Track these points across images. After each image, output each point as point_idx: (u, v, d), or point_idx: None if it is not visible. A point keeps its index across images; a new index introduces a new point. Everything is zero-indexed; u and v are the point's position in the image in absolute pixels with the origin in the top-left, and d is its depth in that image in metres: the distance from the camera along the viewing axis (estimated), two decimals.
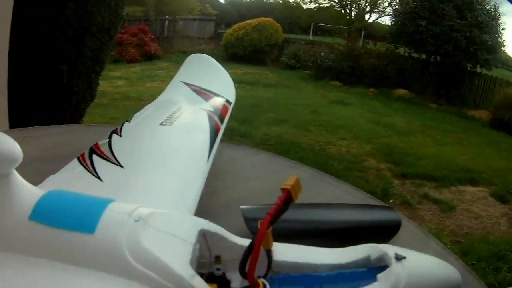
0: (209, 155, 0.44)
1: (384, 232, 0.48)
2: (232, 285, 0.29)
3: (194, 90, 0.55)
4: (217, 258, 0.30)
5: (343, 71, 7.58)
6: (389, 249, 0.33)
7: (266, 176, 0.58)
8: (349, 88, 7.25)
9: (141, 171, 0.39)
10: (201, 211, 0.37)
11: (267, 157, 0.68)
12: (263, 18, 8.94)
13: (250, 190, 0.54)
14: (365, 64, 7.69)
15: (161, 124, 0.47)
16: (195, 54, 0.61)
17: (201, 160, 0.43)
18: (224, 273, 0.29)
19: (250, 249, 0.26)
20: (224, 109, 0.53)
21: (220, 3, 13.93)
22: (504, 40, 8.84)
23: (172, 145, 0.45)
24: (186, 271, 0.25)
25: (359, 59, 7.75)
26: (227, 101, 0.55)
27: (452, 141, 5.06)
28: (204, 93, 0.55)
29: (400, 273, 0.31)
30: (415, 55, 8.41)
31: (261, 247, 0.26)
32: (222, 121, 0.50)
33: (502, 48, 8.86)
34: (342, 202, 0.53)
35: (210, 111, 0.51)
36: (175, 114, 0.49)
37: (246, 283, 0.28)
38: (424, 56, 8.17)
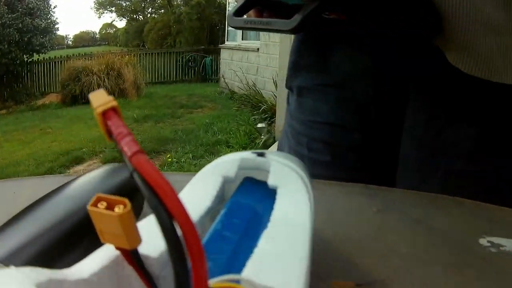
0: None
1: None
2: None
3: None
4: None
5: None
6: (238, 155, 0.26)
7: None
8: None
9: None
10: None
11: None
12: None
13: None
14: None
15: None
16: None
17: None
18: None
19: (182, 261, 0.12)
20: None
21: None
22: (56, 19, 9.36)
23: None
24: None
25: None
26: None
27: (38, 135, 5.22)
28: None
29: (286, 164, 0.24)
30: None
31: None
32: None
33: (56, 26, 9.40)
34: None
35: None
36: None
37: None
38: None
